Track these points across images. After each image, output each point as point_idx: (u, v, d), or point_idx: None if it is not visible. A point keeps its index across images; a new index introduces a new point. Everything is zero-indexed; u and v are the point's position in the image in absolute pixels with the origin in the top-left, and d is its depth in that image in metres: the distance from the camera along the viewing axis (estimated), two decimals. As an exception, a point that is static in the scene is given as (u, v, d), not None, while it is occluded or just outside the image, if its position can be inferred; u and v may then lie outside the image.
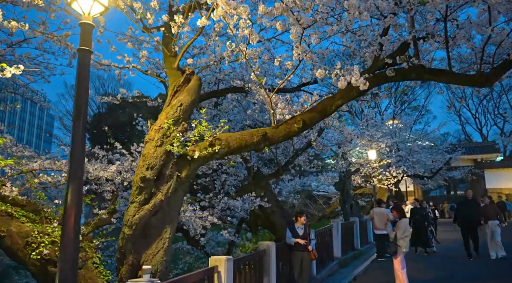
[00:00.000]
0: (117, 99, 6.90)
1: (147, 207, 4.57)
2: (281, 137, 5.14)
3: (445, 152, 25.95)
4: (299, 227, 7.22)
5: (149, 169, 4.59)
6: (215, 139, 4.88)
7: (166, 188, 4.68)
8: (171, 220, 4.74)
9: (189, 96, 5.09)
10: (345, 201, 15.79)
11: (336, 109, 5.19)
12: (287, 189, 13.15)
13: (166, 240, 4.65)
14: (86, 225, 5.77)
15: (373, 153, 17.54)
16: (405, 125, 23.61)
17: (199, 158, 4.83)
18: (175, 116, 4.89)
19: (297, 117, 5.14)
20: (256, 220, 11.39)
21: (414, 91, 45.88)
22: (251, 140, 5.01)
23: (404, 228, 6.42)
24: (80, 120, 3.45)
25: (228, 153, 5.03)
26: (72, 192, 3.20)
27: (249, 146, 5.05)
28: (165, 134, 4.76)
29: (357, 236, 12.53)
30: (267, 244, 6.15)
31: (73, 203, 3.17)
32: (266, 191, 10.94)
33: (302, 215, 7.41)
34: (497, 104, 41.29)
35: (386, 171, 18.23)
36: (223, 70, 6.80)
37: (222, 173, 11.66)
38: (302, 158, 11.17)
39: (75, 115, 3.47)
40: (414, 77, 4.78)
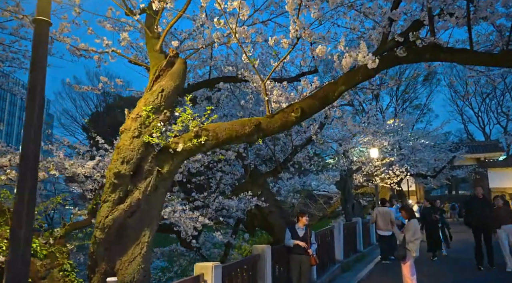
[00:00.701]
0: (99, 89, 6.29)
1: (122, 207, 3.97)
2: (277, 127, 4.55)
3: (448, 150, 25.39)
4: (300, 228, 6.63)
5: (125, 163, 3.99)
6: (201, 130, 4.29)
7: (144, 185, 4.08)
8: (150, 221, 4.14)
9: (172, 81, 4.49)
10: (347, 201, 15.18)
11: (339, 95, 4.59)
12: (286, 188, 12.54)
13: (145, 244, 4.05)
14: (61, 227, 5.18)
15: (375, 151, 16.95)
16: (406, 123, 23.03)
17: (183, 151, 4.23)
18: (155, 103, 4.29)
19: (295, 105, 4.55)
20: (253, 221, 10.79)
21: (415, 89, 45.38)
22: (243, 130, 4.42)
23: (413, 229, 5.82)
24: (35, 102, 2.85)
25: (216, 146, 4.43)
26: (22, 189, 2.61)
27: (240, 138, 4.46)
28: (144, 124, 4.16)
29: (360, 237, 11.93)
30: (261, 248, 5.54)
31: (23, 203, 2.58)
32: (263, 190, 10.34)
33: (304, 215, 6.81)
34: (501, 102, 40.66)
35: (389, 170, 17.63)
36: (214, 57, 6.20)
37: (218, 171, 11.06)
38: (301, 155, 10.57)
39: (29, 97, 2.87)
40: (429, 58, 4.18)
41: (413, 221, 5.95)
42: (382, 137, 17.63)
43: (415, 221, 5.99)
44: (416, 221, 6.03)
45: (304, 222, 6.54)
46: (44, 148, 6.41)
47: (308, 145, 10.18)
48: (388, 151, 18.87)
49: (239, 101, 7.27)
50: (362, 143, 17.19)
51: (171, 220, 6.78)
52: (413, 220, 5.96)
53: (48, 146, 6.25)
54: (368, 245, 13.01)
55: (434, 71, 44.69)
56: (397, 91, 44.04)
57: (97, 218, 4.01)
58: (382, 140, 17.49)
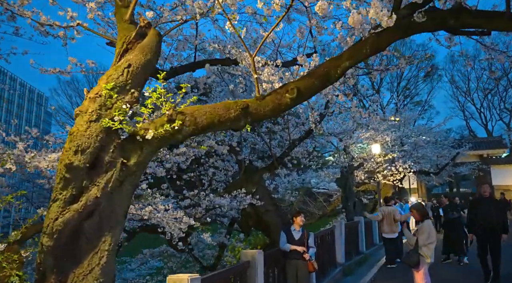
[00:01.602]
0: (67, 72, 5.52)
1: (76, 207, 3.21)
2: (268, 111, 3.79)
3: (450, 147, 24.75)
4: (296, 230, 5.89)
5: (79, 152, 3.23)
6: (176, 113, 3.53)
7: (104, 180, 3.32)
8: (112, 225, 3.38)
9: (142, 55, 3.72)
10: (348, 199, 14.45)
11: (343, 73, 3.83)
12: (284, 185, 11.80)
13: (104, 253, 3.29)
14: (16, 231, 4.43)
15: (377, 146, 16.23)
16: (408, 119, 22.30)
17: (154, 139, 3.48)
18: (120, 81, 3.51)
19: (290, 85, 3.79)
20: (248, 221, 10.05)
21: (416, 85, 44.68)
22: (227, 114, 3.66)
23: (427, 232, 5.07)
24: None
25: (195, 132, 3.67)
26: None
27: (224, 123, 3.70)
28: (104, 105, 3.39)
29: (362, 238, 11.18)
30: (251, 255, 4.79)
31: None
32: (259, 187, 9.59)
33: (299, 215, 6.08)
34: (503, 98, 39.93)
35: (392, 166, 16.90)
36: (199, 35, 5.42)
37: (210, 167, 10.32)
38: (299, 150, 9.83)
39: None
40: (453, 24, 3.42)
41: (426, 222, 5.20)
42: (384, 132, 16.92)
43: (429, 222, 5.23)
44: (430, 223, 5.27)
45: (299, 223, 5.80)
46: (8, 140, 5.66)
47: (307, 139, 9.43)
48: (390, 148, 18.18)
49: (228, 87, 6.48)
50: (363, 138, 16.48)
51: (152, 221, 6.04)
52: (426, 221, 5.21)
53: (11, 137, 5.50)
54: (371, 246, 12.27)
55: (435, 67, 44.05)
56: (397, 87, 43.38)
57: (45, 221, 3.25)
58: (384, 135, 16.78)
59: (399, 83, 43.42)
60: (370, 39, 3.65)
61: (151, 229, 8.49)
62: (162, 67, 5.84)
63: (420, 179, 30.43)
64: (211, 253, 12.67)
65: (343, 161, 14.98)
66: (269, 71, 4.08)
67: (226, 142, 9.20)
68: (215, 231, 13.48)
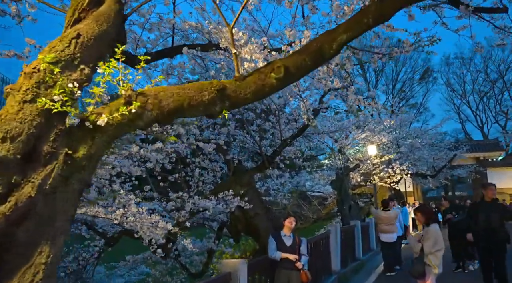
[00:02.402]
0: (26, 56, 4.85)
1: (3, 210, 2.54)
2: (250, 94, 3.14)
3: (447, 149, 24.30)
4: (287, 236, 5.24)
5: (8, 140, 2.56)
6: (136, 95, 2.88)
7: (42, 176, 2.65)
8: (52, 233, 2.71)
9: (97, 25, 3.07)
10: (343, 202, 13.81)
11: (339, 49, 3.20)
12: (276, 187, 11.15)
13: (41, 268, 2.62)
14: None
15: (373, 148, 15.67)
16: (404, 121, 21.79)
17: (108, 125, 2.83)
18: (66, 54, 2.85)
19: (276, 62, 3.15)
20: (237, 225, 9.37)
21: (412, 87, 44.34)
22: (199, 97, 3.02)
23: (434, 238, 4.43)
24: None
25: (160, 118, 3.01)
26: None
27: (195, 107, 3.05)
28: (43, 82, 2.72)
29: (359, 243, 10.53)
30: (233, 265, 4.13)
31: None
32: (248, 189, 8.93)
33: (289, 217, 5.43)
34: (499, 100, 39.63)
35: (389, 168, 16.33)
36: (175, 13, 4.76)
37: (196, 168, 9.64)
38: (292, 149, 9.18)
39: None
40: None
41: (433, 226, 4.56)
42: (381, 132, 16.37)
43: (435, 226, 4.58)
44: (438, 227, 4.62)
45: (290, 227, 5.16)
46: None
47: (299, 137, 8.79)
48: (387, 149, 17.63)
49: (208, 71, 5.81)
50: (359, 139, 15.90)
51: (124, 225, 5.37)
52: (433, 226, 4.56)
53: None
54: (368, 251, 11.63)
55: (430, 69, 43.74)
56: (393, 89, 42.99)
57: (-37, 227, 2.57)
58: (380, 136, 16.22)
59: (395, 85, 43.07)
60: (373, 7, 3.03)
61: (132, 234, 7.82)
62: (135, 52, 5.19)
63: (416, 182, 29.97)
64: (199, 259, 11.97)
65: (337, 163, 14.39)
66: (253, 49, 3.44)
67: (213, 140, 8.56)
68: (204, 235, 12.81)
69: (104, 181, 5.99)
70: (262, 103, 8.31)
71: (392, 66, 41.06)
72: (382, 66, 40.63)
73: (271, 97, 7.72)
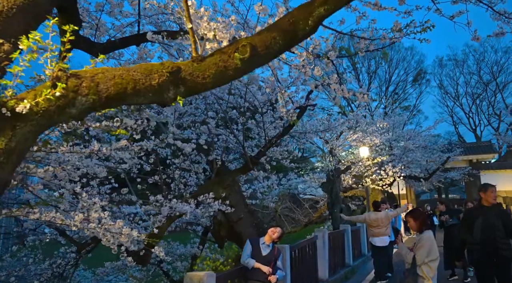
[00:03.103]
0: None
1: None
2: (210, 78, 2.64)
3: (440, 152, 23.99)
4: (265, 244, 4.74)
5: None
6: (67, 76, 2.37)
7: None
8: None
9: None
10: (334, 205, 13.32)
11: (316, 25, 2.71)
12: (263, 190, 10.62)
13: None
14: None
15: (366, 149, 15.24)
16: (396, 123, 21.42)
17: (33, 113, 2.32)
18: (-21, 26, 2.35)
19: (241, 41, 2.66)
20: (220, 230, 8.84)
21: (405, 90, 44.10)
22: (148, 81, 2.51)
23: (428, 246, 3.94)
24: None
25: (97, 105, 2.49)
26: None
27: (142, 93, 2.54)
28: None
29: (349, 249, 10.03)
30: (198, 279, 3.62)
31: None
32: (231, 191, 8.42)
33: (276, 231, 4.90)
34: (492, 103, 39.47)
35: (381, 170, 15.89)
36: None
37: (177, 169, 9.10)
38: (278, 149, 8.68)
39: None
40: None
41: (426, 233, 4.05)
42: (373, 134, 15.95)
43: (429, 233, 4.08)
44: (432, 234, 4.12)
45: (270, 237, 4.66)
46: None
47: (286, 136, 8.30)
48: (379, 151, 17.22)
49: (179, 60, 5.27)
50: (350, 140, 15.46)
51: (84, 231, 4.82)
52: (426, 233, 4.06)
53: None
54: (359, 257, 11.14)
55: (424, 71, 43.55)
56: (386, 91, 42.72)
57: None
58: (373, 137, 15.79)
59: (388, 88, 42.82)
60: (355, -26, 2.54)
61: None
62: (97, 39, 4.67)
63: (409, 185, 29.62)
64: (183, 265, 11.41)
65: (329, 165, 13.92)
66: (216, 27, 2.93)
67: (194, 140, 8.05)
68: (188, 240, 12.28)
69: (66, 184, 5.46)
70: (247, 101, 7.82)
71: (385, 68, 40.80)
72: (375, 67, 40.41)
73: (254, 93, 7.23)
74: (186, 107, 8.55)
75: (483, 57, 38.32)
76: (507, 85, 37.92)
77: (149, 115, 7.43)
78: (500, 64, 37.70)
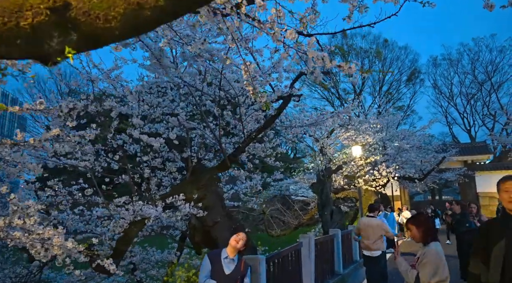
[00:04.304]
0: None
1: None
2: (116, 20, 1.72)
3: (435, 152, 23.31)
4: (229, 258, 3.83)
5: None
6: None
7: None
8: None
9: None
10: (324, 207, 12.47)
11: None
12: (246, 190, 9.71)
13: None
14: None
15: (358, 148, 14.41)
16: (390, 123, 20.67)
17: None
18: None
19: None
20: (194, 235, 7.92)
21: (399, 89, 43.49)
22: (14, 21, 1.60)
23: (435, 264, 3.05)
24: None
25: None
26: None
27: (7, 41, 1.63)
28: None
29: (338, 255, 9.14)
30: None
31: None
32: (207, 192, 7.52)
33: (240, 239, 4.00)
34: (487, 103, 38.93)
35: (375, 170, 15.08)
36: None
37: (147, 167, 8.18)
38: (260, 146, 7.80)
39: None
40: None
41: (433, 247, 3.16)
42: (366, 132, 15.14)
43: (437, 247, 3.18)
44: (440, 248, 3.23)
45: (235, 248, 3.77)
46: None
47: (269, 130, 7.43)
48: (372, 151, 16.42)
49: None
50: (342, 138, 14.65)
51: (7, 241, 3.90)
52: (433, 245, 3.17)
53: None
54: (350, 264, 10.26)
55: (418, 70, 42.97)
56: (380, 91, 42.06)
57: None
58: (365, 136, 14.98)
59: (381, 87, 42.17)
60: None
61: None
62: None
63: (403, 186, 28.94)
64: (160, 273, 10.48)
65: (319, 164, 13.08)
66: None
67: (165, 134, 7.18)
68: (166, 245, 11.37)
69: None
70: (222, 89, 6.92)
71: (379, 67, 40.15)
72: (368, 66, 39.72)
73: (230, 80, 6.33)
74: (159, 98, 7.63)
75: (478, 56, 37.81)
76: (502, 85, 37.44)
77: (110, 105, 6.54)
78: (495, 63, 37.21)
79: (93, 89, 6.39)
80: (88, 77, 6.01)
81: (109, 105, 6.38)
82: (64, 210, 8.07)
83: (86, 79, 6.13)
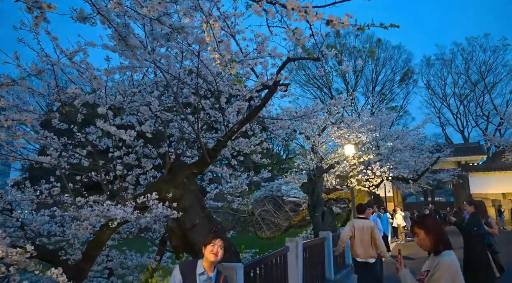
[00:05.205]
0: None
1: None
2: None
3: (429, 152, 22.83)
4: (205, 273, 3.13)
5: None
6: None
7: None
8: None
9: None
10: (315, 207, 11.83)
11: None
12: (231, 190, 9.03)
13: None
14: None
15: (351, 147, 13.77)
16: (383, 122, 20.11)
17: None
18: None
19: None
20: (172, 238, 7.22)
21: (392, 90, 43.06)
22: None
23: (451, 278, 2.36)
24: None
25: None
26: None
27: None
28: None
29: (329, 260, 8.47)
30: None
31: None
32: (185, 191, 6.82)
33: (213, 240, 3.31)
34: (480, 104, 38.62)
35: (368, 170, 14.47)
36: None
37: (119, 164, 7.46)
38: (244, 141, 7.12)
39: None
40: None
41: (447, 257, 2.46)
42: (359, 130, 14.54)
43: (451, 257, 2.48)
44: (455, 258, 2.54)
45: (212, 261, 3.08)
46: None
47: (252, 123, 6.76)
48: (366, 151, 15.82)
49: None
50: (334, 137, 14.02)
51: None
52: (447, 255, 2.47)
53: None
54: (342, 269, 9.60)
55: (411, 70, 42.57)
56: (373, 90, 41.58)
57: None
58: (359, 134, 14.36)
59: (374, 87, 41.70)
60: None
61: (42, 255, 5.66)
62: None
63: (396, 187, 28.45)
64: (138, 279, 9.74)
65: (310, 163, 12.45)
66: None
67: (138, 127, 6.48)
68: (146, 249, 10.65)
69: None
70: (204, 79, 6.23)
71: (372, 67, 39.68)
72: (361, 66, 39.25)
73: (207, 64, 5.65)
74: (137, 88, 6.90)
75: (472, 56, 37.47)
76: (496, 85, 37.14)
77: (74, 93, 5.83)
78: (488, 64, 36.89)
79: (54, 75, 5.69)
80: (47, 60, 5.32)
81: (72, 92, 5.66)
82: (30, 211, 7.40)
83: (46, 63, 5.43)
